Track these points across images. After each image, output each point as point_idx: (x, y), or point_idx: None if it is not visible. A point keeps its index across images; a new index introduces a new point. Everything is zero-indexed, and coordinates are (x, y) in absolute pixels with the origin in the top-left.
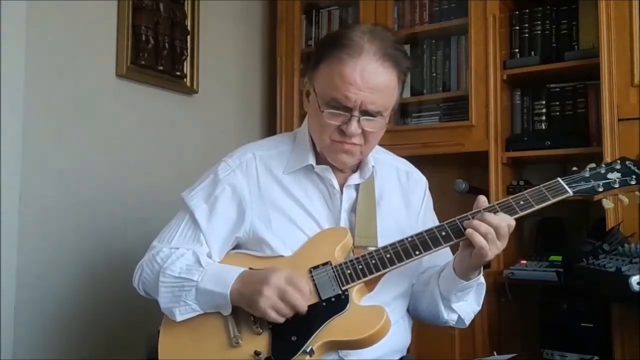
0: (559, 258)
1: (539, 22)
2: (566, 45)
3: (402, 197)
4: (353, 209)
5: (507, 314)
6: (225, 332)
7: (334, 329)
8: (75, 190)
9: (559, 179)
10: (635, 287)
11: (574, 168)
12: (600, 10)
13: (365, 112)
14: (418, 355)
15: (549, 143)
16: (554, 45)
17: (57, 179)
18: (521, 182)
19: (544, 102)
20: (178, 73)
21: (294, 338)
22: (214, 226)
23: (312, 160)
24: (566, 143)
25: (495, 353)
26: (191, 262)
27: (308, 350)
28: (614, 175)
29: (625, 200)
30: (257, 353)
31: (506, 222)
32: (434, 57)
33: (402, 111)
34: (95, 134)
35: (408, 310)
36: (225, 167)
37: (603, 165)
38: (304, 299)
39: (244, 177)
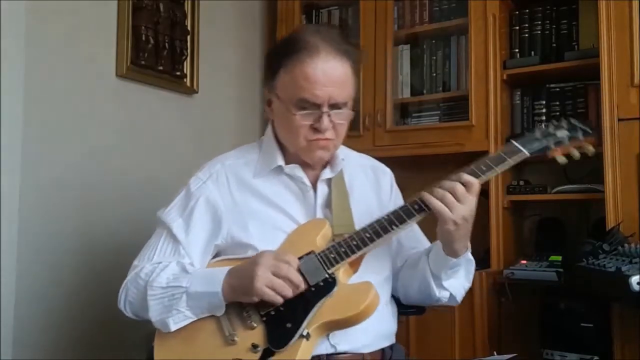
0: (559, 258)
1: (539, 22)
2: (566, 45)
3: (371, 189)
4: (328, 204)
5: (507, 314)
6: (220, 333)
7: (327, 310)
8: (75, 190)
9: (512, 140)
10: (635, 287)
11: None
12: (600, 10)
13: (333, 106)
14: (418, 355)
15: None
16: (554, 45)
17: (57, 178)
18: (521, 182)
19: (544, 102)
20: (178, 73)
21: (288, 325)
22: (192, 237)
23: (280, 161)
24: None
25: (495, 353)
26: (177, 271)
27: (305, 334)
28: (563, 133)
29: (576, 154)
30: (254, 346)
31: (462, 180)
32: (434, 57)
33: (402, 111)
34: (95, 134)
35: (399, 299)
36: (196, 181)
37: (551, 125)
38: (295, 270)
39: (216, 187)
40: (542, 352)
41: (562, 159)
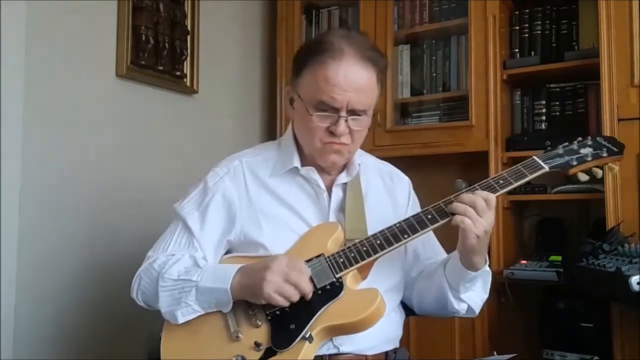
0: (559, 258)
1: (539, 22)
2: (566, 45)
3: (388, 196)
4: (341, 208)
5: (507, 314)
6: (225, 329)
7: (331, 314)
8: (75, 190)
9: (534, 157)
10: (635, 287)
11: (547, 143)
12: (600, 10)
13: (351, 112)
14: (418, 355)
15: (549, 143)
16: (554, 45)
17: (57, 178)
18: None
19: (544, 102)
20: (178, 73)
21: (292, 326)
22: (206, 231)
23: (297, 163)
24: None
25: (495, 353)
26: (189, 265)
27: (307, 337)
28: (586, 150)
29: (599, 173)
30: (257, 344)
31: (482, 197)
32: (434, 57)
33: (402, 111)
34: (95, 134)
35: (412, 309)
36: (213, 176)
37: (575, 142)
38: (306, 278)
39: (232, 182)
40: (542, 352)
41: (583, 177)
